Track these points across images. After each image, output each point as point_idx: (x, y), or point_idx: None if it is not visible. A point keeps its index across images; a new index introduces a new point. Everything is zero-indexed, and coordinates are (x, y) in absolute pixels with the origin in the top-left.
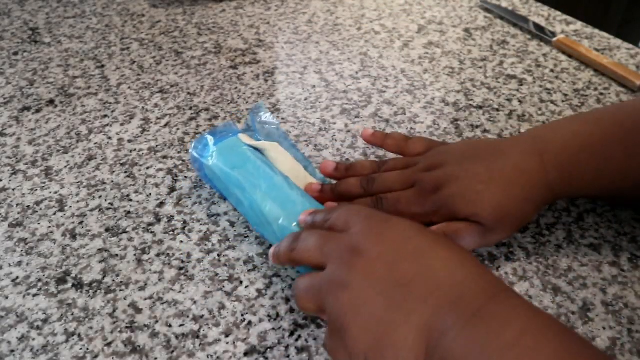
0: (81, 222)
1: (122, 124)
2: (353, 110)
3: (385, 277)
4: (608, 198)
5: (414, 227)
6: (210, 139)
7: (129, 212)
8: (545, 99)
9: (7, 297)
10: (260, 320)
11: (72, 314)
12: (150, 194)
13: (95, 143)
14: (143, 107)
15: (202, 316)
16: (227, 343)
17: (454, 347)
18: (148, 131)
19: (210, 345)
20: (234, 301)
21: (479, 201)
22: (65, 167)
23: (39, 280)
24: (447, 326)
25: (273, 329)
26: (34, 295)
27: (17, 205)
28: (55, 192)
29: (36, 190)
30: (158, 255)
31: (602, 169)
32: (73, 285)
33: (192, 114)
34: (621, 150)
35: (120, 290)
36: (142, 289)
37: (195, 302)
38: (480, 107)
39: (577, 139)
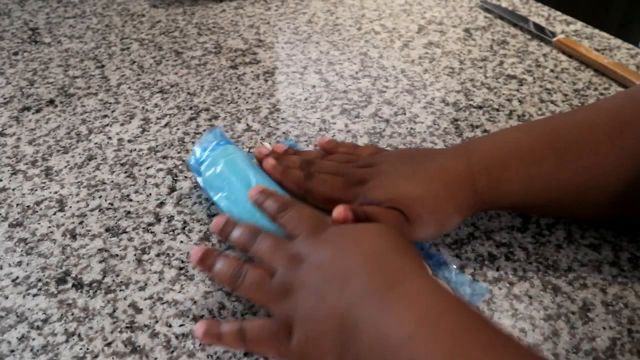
0: (81, 222)
1: (122, 124)
2: (353, 110)
3: (316, 279)
4: (540, 208)
5: (342, 232)
6: (197, 151)
7: (129, 212)
8: (545, 99)
9: (7, 297)
10: None
11: (72, 314)
12: (150, 194)
13: (95, 143)
14: (143, 107)
15: (202, 316)
16: None
17: (365, 331)
18: (148, 131)
19: (210, 345)
20: (234, 301)
21: (395, 191)
22: (65, 167)
23: (39, 280)
24: (362, 311)
25: None
26: (34, 295)
27: (17, 205)
28: (55, 192)
29: (36, 190)
30: (158, 255)
31: (531, 175)
32: (73, 285)
33: (192, 114)
34: (550, 154)
35: (120, 290)
36: (142, 289)
37: (195, 302)
38: (480, 107)
39: (506, 144)
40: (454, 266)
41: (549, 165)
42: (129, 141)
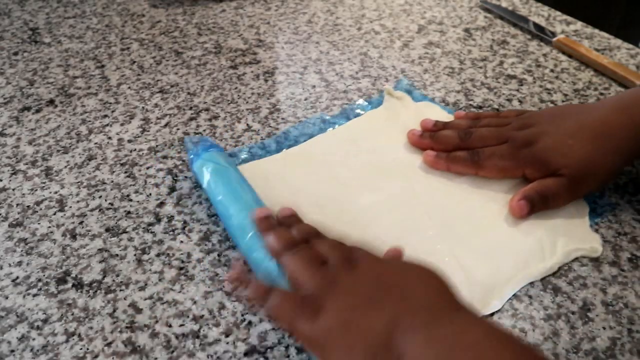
0: (81, 222)
1: (122, 124)
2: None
3: (366, 286)
4: None
5: (381, 265)
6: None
7: (129, 212)
8: (545, 99)
9: (7, 297)
10: (261, 320)
11: (72, 314)
12: (150, 194)
13: (95, 143)
14: (143, 107)
15: (202, 316)
16: (227, 343)
17: (415, 344)
18: (148, 131)
19: (211, 345)
20: (234, 301)
21: (569, 153)
22: (65, 167)
23: (39, 280)
24: (414, 325)
25: (273, 329)
26: (34, 295)
27: (17, 205)
28: (55, 192)
29: (36, 190)
30: (158, 255)
31: None
32: (73, 285)
33: (192, 114)
34: None
35: (120, 290)
36: (142, 289)
37: (195, 302)
38: (480, 107)
39: None
40: None
41: None
42: (129, 141)
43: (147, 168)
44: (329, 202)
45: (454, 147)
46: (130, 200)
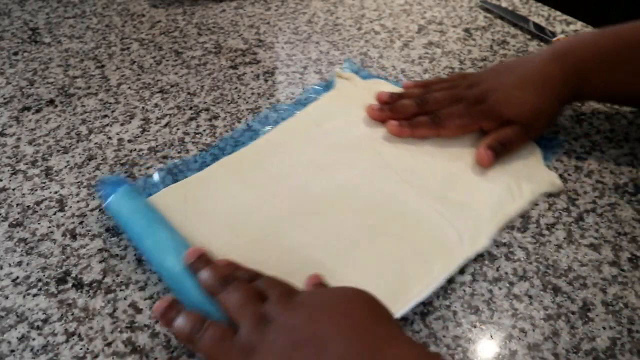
0: (81, 222)
1: (122, 124)
2: None
3: (285, 342)
4: (623, 99)
5: (317, 296)
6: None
7: None
8: None
9: (7, 297)
10: None
11: (72, 314)
12: (151, 194)
13: (95, 143)
14: (143, 107)
15: None
16: None
17: None
18: (148, 131)
19: None
20: None
21: (518, 103)
22: (65, 167)
23: (39, 280)
24: None
25: None
26: (34, 295)
27: (17, 205)
28: (55, 192)
29: (36, 190)
30: None
31: (618, 74)
32: (73, 285)
33: (192, 114)
34: (632, 56)
35: (120, 290)
36: (142, 289)
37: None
38: None
39: (596, 47)
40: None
41: (628, 66)
42: (129, 141)
43: (147, 168)
44: (301, 189)
45: (413, 114)
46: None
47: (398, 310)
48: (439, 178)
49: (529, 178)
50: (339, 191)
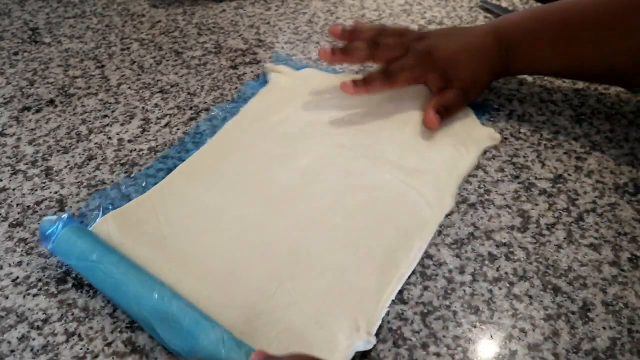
0: (81, 222)
1: (122, 124)
2: None
3: None
4: (553, 74)
5: None
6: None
7: None
8: (545, 99)
9: (7, 297)
10: None
11: (72, 314)
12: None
13: (95, 143)
14: (143, 107)
15: None
16: None
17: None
18: (148, 131)
19: None
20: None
21: (459, 67)
22: (65, 167)
23: (39, 280)
24: None
25: None
26: (34, 295)
27: (17, 205)
28: (55, 192)
29: (36, 190)
30: None
31: (547, 49)
32: (73, 285)
33: (192, 114)
34: (562, 34)
35: None
36: None
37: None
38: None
39: (529, 22)
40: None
41: (557, 43)
42: (129, 141)
43: (147, 168)
44: (267, 181)
45: (365, 57)
46: (130, 200)
47: (394, 289)
48: (392, 148)
49: (470, 136)
50: (304, 177)
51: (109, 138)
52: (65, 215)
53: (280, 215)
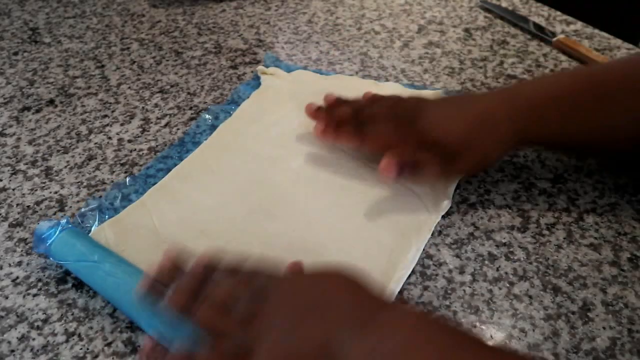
0: (81, 222)
1: (122, 124)
2: None
3: (286, 317)
4: (576, 149)
5: (313, 273)
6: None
7: None
8: None
9: (7, 297)
10: None
11: (72, 314)
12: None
13: (95, 143)
14: (143, 107)
15: None
16: None
17: (350, 355)
18: (148, 131)
19: None
20: None
21: (446, 128)
22: (65, 167)
23: (39, 280)
24: (344, 337)
25: None
26: (34, 295)
27: (17, 205)
28: (55, 192)
29: (36, 190)
30: None
31: (570, 119)
32: (73, 285)
33: (192, 114)
34: (590, 99)
35: None
36: None
37: None
38: None
39: (550, 89)
40: None
41: (586, 108)
42: (129, 141)
43: (147, 168)
44: (262, 182)
45: (345, 121)
46: (130, 200)
47: (395, 287)
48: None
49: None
50: (299, 178)
51: (109, 138)
52: (64, 221)
53: (275, 217)
